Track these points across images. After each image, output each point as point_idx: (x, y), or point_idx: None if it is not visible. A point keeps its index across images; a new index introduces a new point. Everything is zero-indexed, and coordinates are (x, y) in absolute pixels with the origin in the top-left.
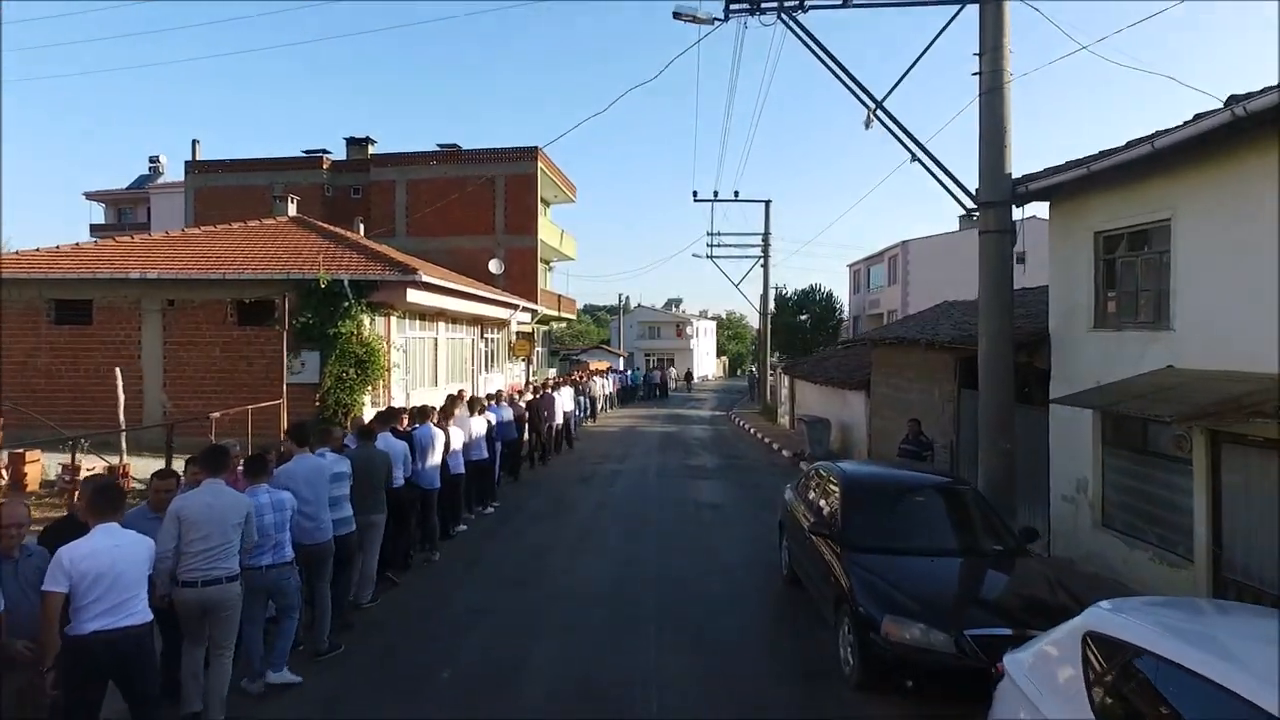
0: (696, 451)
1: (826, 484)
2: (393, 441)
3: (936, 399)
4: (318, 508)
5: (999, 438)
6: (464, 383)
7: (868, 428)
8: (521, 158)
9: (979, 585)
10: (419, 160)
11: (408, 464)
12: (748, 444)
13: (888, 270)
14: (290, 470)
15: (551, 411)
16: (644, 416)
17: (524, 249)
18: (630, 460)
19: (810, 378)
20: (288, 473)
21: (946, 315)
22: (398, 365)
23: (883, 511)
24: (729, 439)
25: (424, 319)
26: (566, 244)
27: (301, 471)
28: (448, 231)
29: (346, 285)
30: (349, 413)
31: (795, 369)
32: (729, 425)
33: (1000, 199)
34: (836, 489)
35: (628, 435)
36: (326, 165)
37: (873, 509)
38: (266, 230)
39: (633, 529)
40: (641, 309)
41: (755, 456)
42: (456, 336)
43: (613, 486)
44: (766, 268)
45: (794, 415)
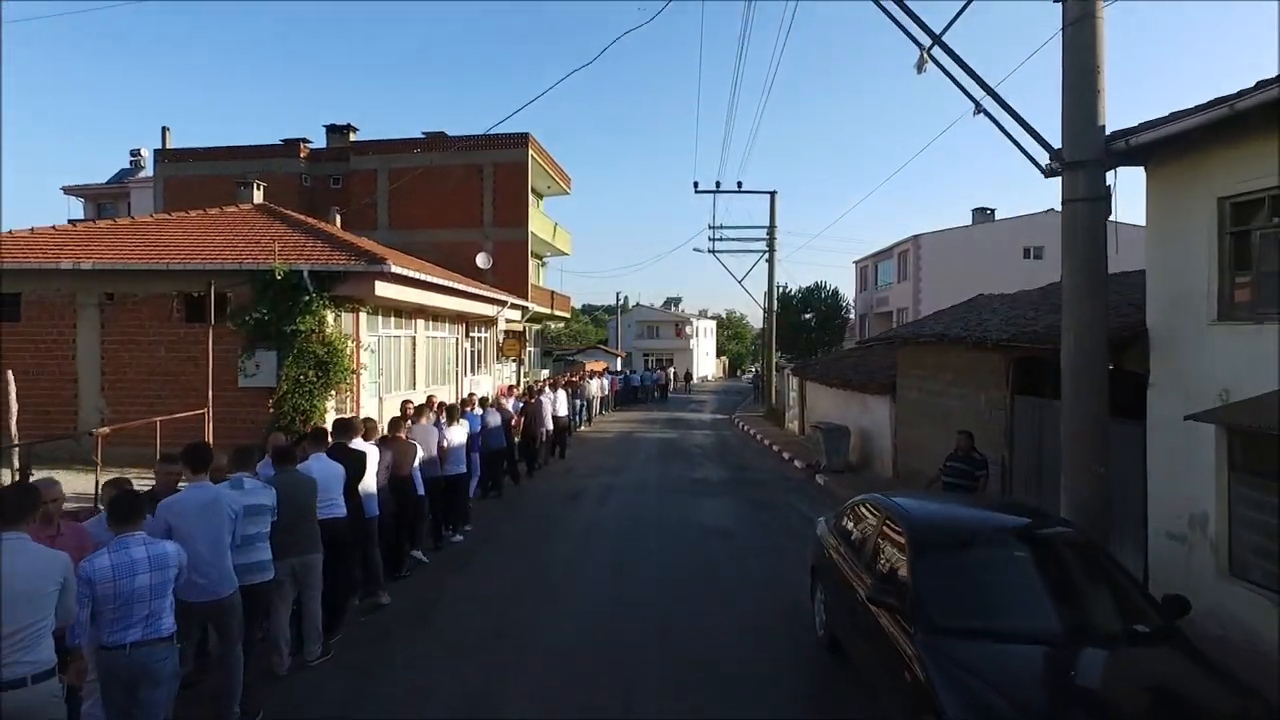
0: (700, 461)
1: (882, 528)
2: (327, 466)
3: (982, 406)
4: (214, 555)
5: (1090, 460)
6: (447, 386)
7: (892, 437)
8: (511, 144)
9: (1122, 692)
10: (401, 148)
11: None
12: (755, 452)
13: (897, 266)
14: (176, 505)
15: (541, 417)
16: (642, 420)
17: (514, 242)
18: (626, 472)
19: (823, 380)
20: (172, 508)
21: (984, 309)
22: (367, 367)
23: (972, 575)
24: (734, 446)
25: (400, 316)
26: (560, 238)
27: (189, 506)
28: (433, 223)
29: (306, 277)
30: (308, 420)
31: (806, 370)
32: (733, 430)
33: (1091, 157)
34: (899, 538)
35: (624, 442)
36: (304, 154)
37: (958, 571)
38: (226, 218)
39: (627, 563)
40: (640, 308)
41: (765, 468)
42: (438, 335)
43: (605, 506)
44: (772, 262)
45: (804, 420)
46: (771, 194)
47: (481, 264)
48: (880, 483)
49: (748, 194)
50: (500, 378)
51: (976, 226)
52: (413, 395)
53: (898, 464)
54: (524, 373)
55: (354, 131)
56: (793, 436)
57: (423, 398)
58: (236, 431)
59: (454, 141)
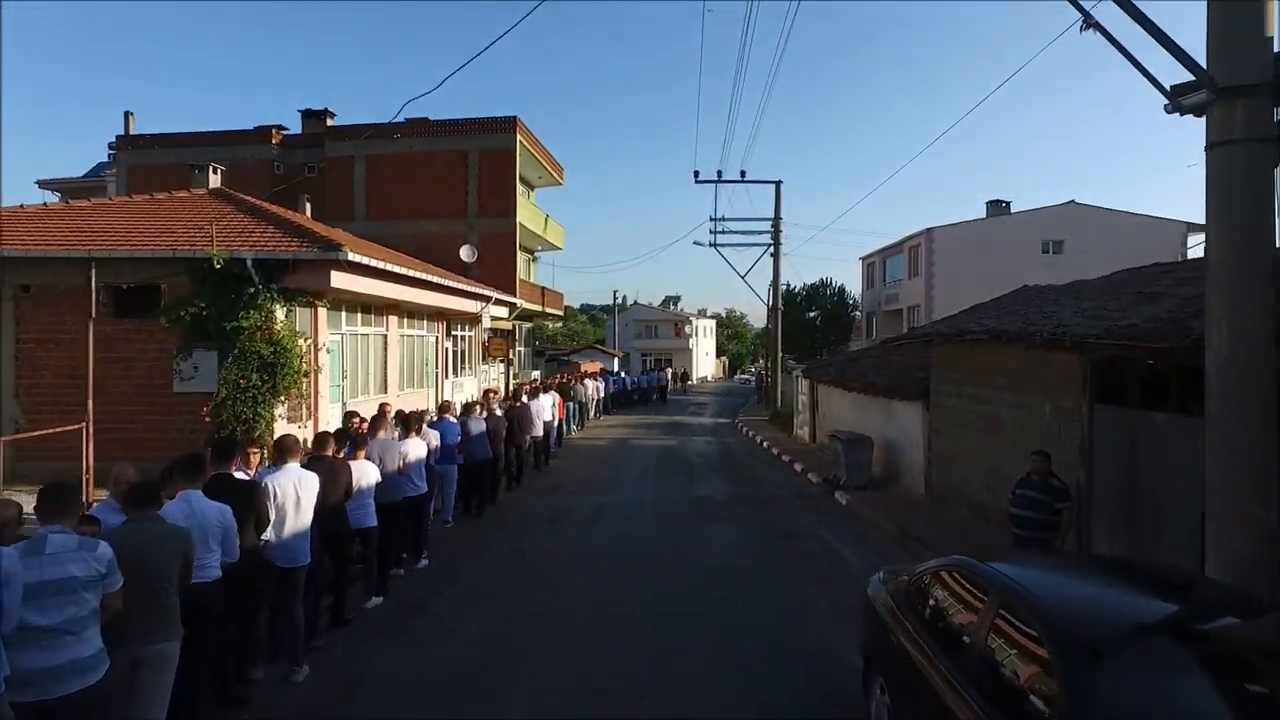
0: (703, 475)
1: (994, 620)
2: (203, 508)
3: (1047, 417)
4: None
5: (1252, 501)
6: (426, 389)
7: (925, 450)
8: (498, 129)
9: None
10: (381, 133)
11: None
12: (763, 463)
13: (908, 262)
14: None
15: (528, 423)
16: (639, 425)
17: (501, 234)
18: (618, 488)
19: (840, 383)
20: None
21: (1042, 300)
22: (322, 369)
23: (1162, 697)
24: (740, 456)
25: (369, 312)
26: (552, 231)
27: None
28: (414, 214)
29: (250, 266)
30: (251, 430)
31: (818, 372)
32: (736, 436)
33: (1257, 80)
34: (1033, 641)
35: (619, 450)
36: (277, 140)
37: (1141, 694)
38: (175, 204)
39: (615, 617)
40: (638, 307)
41: (776, 482)
42: (415, 334)
43: (591, 533)
44: (777, 256)
45: (815, 425)
46: (776, 184)
47: (466, 257)
48: (911, 502)
49: (751, 183)
50: (487, 380)
51: (992, 220)
52: (385, 400)
53: (931, 480)
54: (513, 374)
55: (331, 117)
56: (803, 444)
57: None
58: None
59: (437, 126)
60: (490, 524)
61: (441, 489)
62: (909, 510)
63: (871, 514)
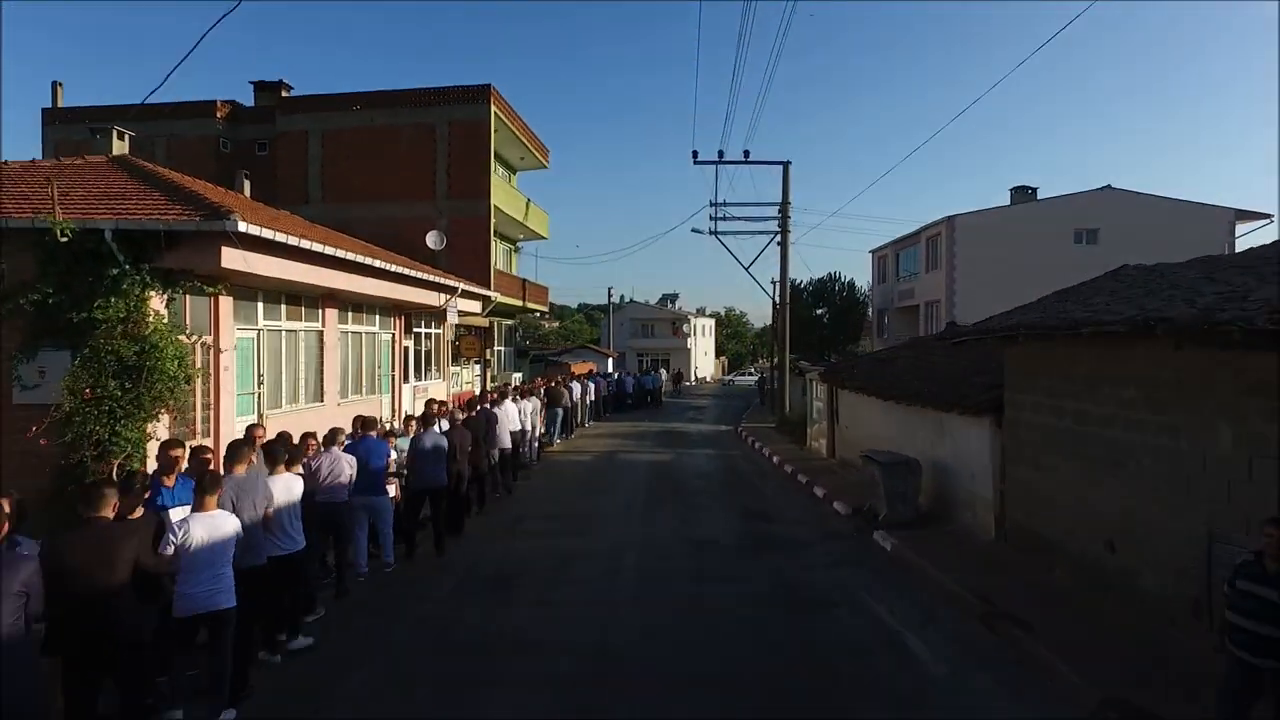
0: (704, 504)
1: None
2: None
3: (1226, 447)
4: None
5: None
6: (378, 396)
7: (995, 480)
8: (469, 97)
9: None
10: (338, 104)
11: None
12: (776, 486)
13: (925, 253)
14: None
15: (491, 437)
16: (630, 435)
17: (473, 218)
18: (597, 526)
19: (871, 390)
20: None
21: (1161, 280)
22: (232, 373)
23: None
24: (747, 476)
25: (296, 303)
26: (535, 217)
27: None
28: (375, 196)
29: (110, 239)
30: (106, 455)
31: (840, 376)
32: (741, 449)
33: None
34: None
35: (605, 467)
36: (223, 114)
37: None
38: (60, 171)
39: None
40: (634, 305)
41: (796, 515)
42: (364, 331)
43: (551, 600)
44: (785, 245)
45: (834, 438)
46: (784, 164)
47: (432, 244)
48: (977, 549)
49: (756, 164)
50: (460, 383)
51: (1019, 207)
52: (321, 411)
53: (1005, 521)
54: (491, 377)
55: (287, 90)
56: (820, 460)
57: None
58: (9, 474)
59: (401, 97)
60: (410, 581)
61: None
62: (979, 563)
63: (929, 568)
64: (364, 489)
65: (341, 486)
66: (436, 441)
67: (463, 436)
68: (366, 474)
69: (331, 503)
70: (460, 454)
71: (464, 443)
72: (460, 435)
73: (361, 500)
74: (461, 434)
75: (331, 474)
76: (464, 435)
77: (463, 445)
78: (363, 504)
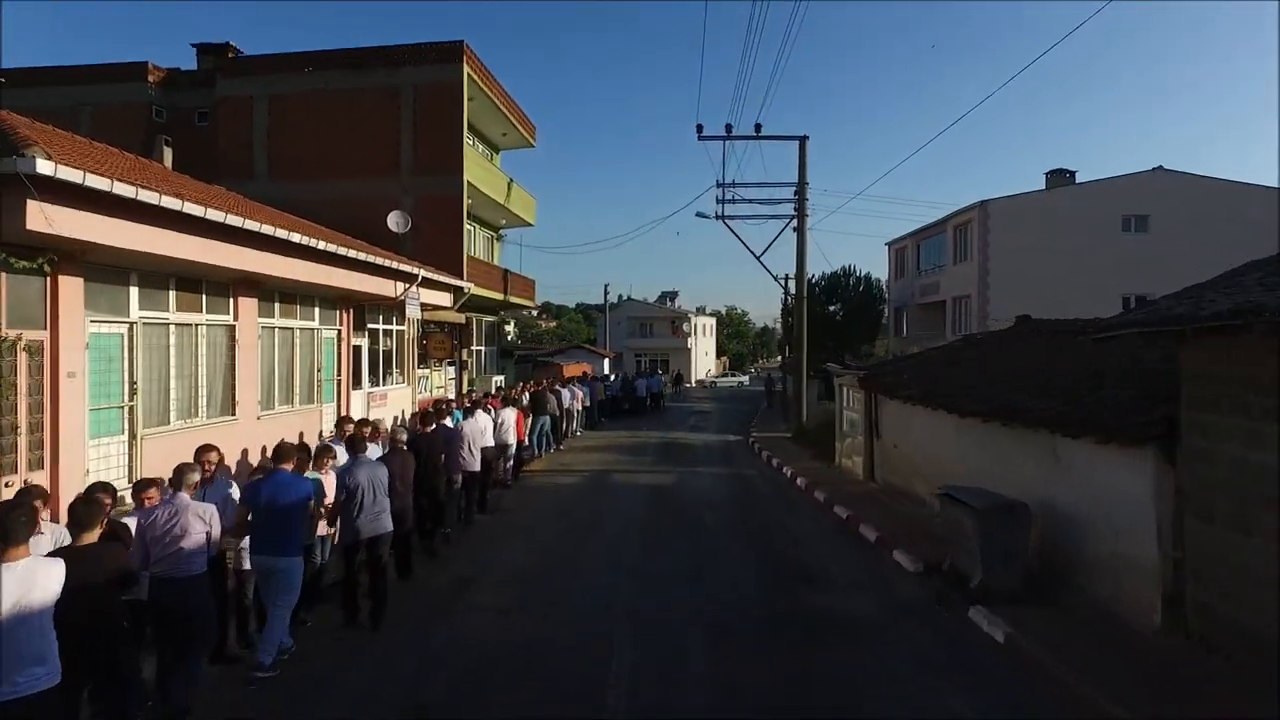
0: (718, 553)
1: None
2: None
3: None
4: None
5: None
6: (318, 406)
7: (1164, 540)
8: (439, 57)
9: None
10: (287, 66)
11: None
12: (810, 522)
13: (952, 243)
14: None
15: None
16: (626, 447)
17: (443, 197)
18: (574, 586)
19: (934, 401)
20: None
21: None
22: (83, 381)
23: None
24: (769, 505)
25: (189, 288)
26: (518, 201)
27: None
28: (330, 172)
29: None
30: None
31: (887, 382)
32: (756, 465)
33: None
34: None
35: (591, 494)
36: (156, 79)
37: None
38: None
39: None
40: (632, 303)
41: (845, 572)
42: (296, 326)
43: None
44: (802, 230)
45: (872, 456)
46: (801, 139)
47: (395, 226)
48: (1136, 642)
49: (768, 139)
50: (429, 388)
51: (1059, 191)
52: (233, 427)
53: (1183, 603)
54: (468, 380)
55: (234, 53)
56: (855, 483)
57: (258, 430)
58: None
59: (361, 56)
60: (290, 687)
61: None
62: (1152, 672)
63: (1081, 686)
64: (267, 545)
65: (185, 554)
66: (371, 475)
67: (404, 464)
68: (272, 524)
69: (171, 579)
70: (403, 485)
71: (405, 472)
72: (400, 462)
73: (262, 562)
74: (402, 460)
75: (170, 534)
76: (405, 462)
77: (404, 475)
78: (261, 567)
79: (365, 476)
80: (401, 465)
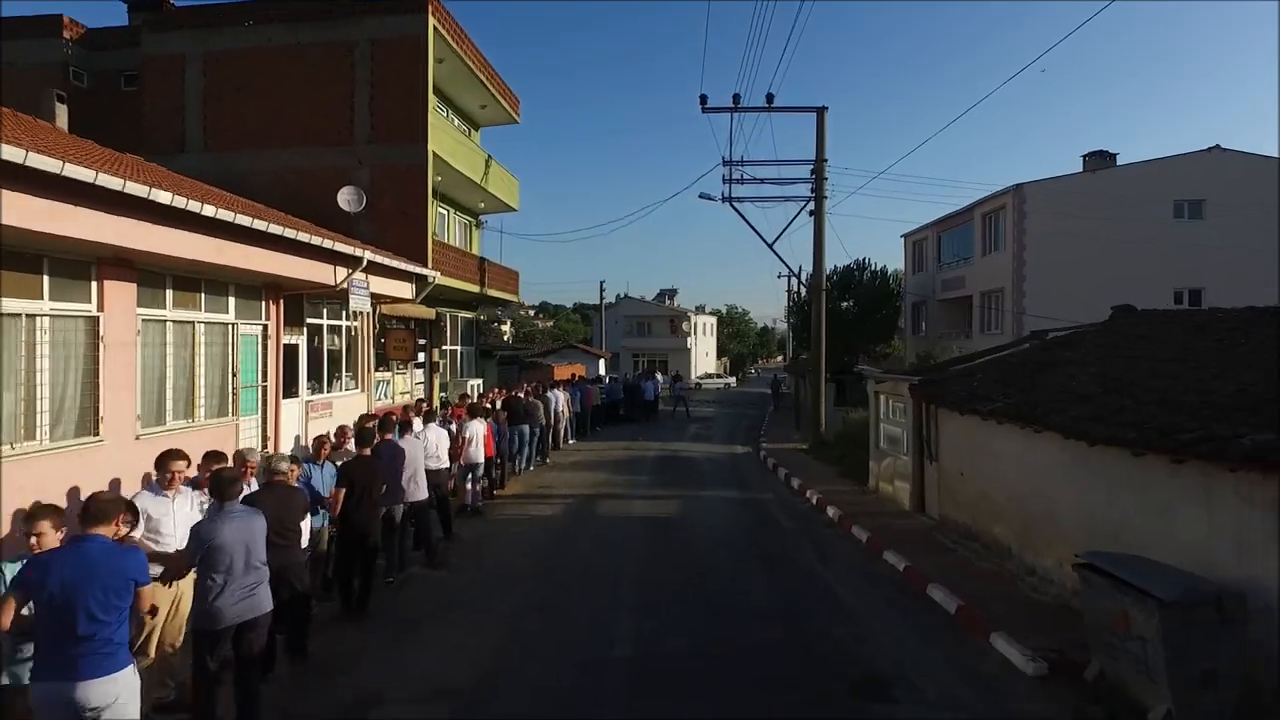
0: (739, 628)
1: None
2: None
3: None
4: None
5: None
6: (235, 420)
7: None
8: (401, 7)
9: None
10: (225, 18)
11: None
12: (853, 576)
13: (980, 233)
14: None
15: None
16: (620, 462)
17: (404, 168)
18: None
19: (1038, 420)
20: None
21: None
22: None
23: None
24: (795, 546)
25: (18, 268)
26: (499, 182)
27: None
28: (274, 141)
29: None
30: None
31: (952, 391)
32: (773, 487)
33: None
34: None
35: (571, 533)
36: (73, 34)
37: None
38: None
39: None
40: (629, 300)
41: (916, 665)
42: (198, 319)
43: None
44: (820, 212)
45: (922, 482)
46: (819, 110)
47: (346, 204)
48: None
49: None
50: (390, 394)
51: (1103, 174)
52: (98, 451)
53: None
54: (440, 385)
55: (168, 5)
56: (900, 515)
57: (138, 453)
58: None
59: (308, 9)
60: None
61: None
62: None
63: None
64: (55, 663)
65: None
66: (244, 531)
67: (282, 503)
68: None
69: None
70: (284, 533)
71: (287, 513)
72: (276, 502)
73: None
74: (279, 500)
75: None
76: (285, 501)
77: (284, 518)
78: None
79: (233, 534)
80: (279, 506)
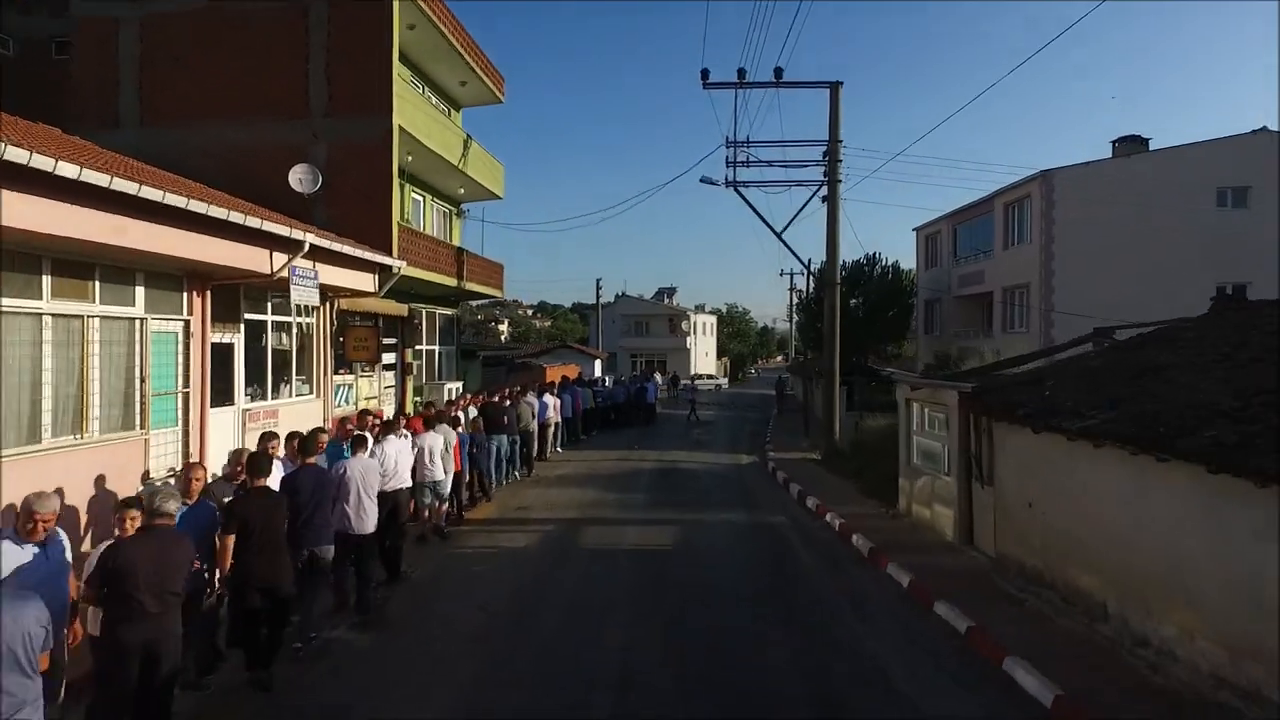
0: None
1: None
2: None
3: None
4: None
5: None
6: (143, 433)
7: None
8: None
9: None
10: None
11: None
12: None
13: (1002, 224)
14: None
15: (322, 520)
16: (612, 476)
17: (367, 146)
18: None
19: (1180, 449)
20: None
21: None
22: None
23: None
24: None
25: None
26: (479, 165)
27: None
28: (219, 113)
29: None
30: None
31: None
32: (785, 507)
33: None
34: None
35: (541, 581)
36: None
37: None
38: None
39: None
40: (626, 299)
41: None
42: (92, 313)
43: None
44: (834, 197)
45: (970, 508)
46: (833, 86)
47: (299, 184)
48: None
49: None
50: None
51: (1137, 159)
52: None
53: None
54: (415, 389)
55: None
56: (942, 548)
57: (10, 477)
58: None
59: None
60: None
61: None
62: None
63: None
64: None
65: None
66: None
67: (167, 558)
68: None
69: None
70: (165, 599)
71: (170, 575)
72: (162, 554)
73: None
74: (163, 552)
75: None
76: (171, 552)
77: (165, 580)
78: None
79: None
80: (160, 555)
